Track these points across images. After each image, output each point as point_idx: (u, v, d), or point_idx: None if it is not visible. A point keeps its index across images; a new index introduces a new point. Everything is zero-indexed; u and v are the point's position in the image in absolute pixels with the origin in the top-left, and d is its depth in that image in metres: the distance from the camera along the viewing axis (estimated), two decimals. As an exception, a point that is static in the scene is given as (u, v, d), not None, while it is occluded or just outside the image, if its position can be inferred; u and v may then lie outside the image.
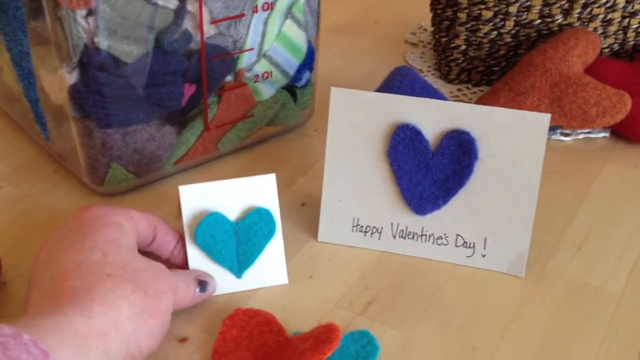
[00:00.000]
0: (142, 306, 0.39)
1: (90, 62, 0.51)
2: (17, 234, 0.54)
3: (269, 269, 0.50)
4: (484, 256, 0.51)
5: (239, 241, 0.49)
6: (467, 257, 0.51)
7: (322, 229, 0.54)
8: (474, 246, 0.51)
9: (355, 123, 0.51)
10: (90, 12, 0.49)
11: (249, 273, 0.49)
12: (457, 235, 0.51)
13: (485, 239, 0.51)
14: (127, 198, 0.58)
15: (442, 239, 0.52)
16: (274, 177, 0.50)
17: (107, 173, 0.56)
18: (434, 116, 0.50)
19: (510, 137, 0.49)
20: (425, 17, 0.86)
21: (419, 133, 0.50)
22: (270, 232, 0.49)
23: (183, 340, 0.45)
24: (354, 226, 0.53)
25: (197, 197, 0.49)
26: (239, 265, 0.49)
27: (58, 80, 0.53)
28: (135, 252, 0.43)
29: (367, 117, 0.51)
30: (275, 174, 0.50)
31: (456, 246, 0.52)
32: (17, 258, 0.51)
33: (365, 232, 0.53)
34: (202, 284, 0.46)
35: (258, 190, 0.50)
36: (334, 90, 0.51)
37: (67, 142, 0.57)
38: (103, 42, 0.50)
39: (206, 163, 0.63)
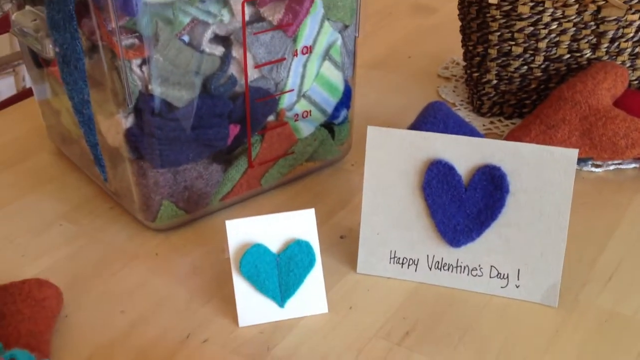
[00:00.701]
0: None
1: (145, 107, 0.55)
2: (76, 268, 0.58)
3: (310, 299, 0.53)
4: (517, 287, 0.53)
5: (280, 272, 0.52)
6: (502, 287, 0.54)
7: (361, 261, 0.57)
8: (507, 277, 0.53)
9: (391, 160, 0.54)
10: (145, 62, 0.53)
11: (291, 302, 0.52)
12: (491, 266, 0.54)
13: (519, 270, 0.53)
14: (178, 233, 0.62)
15: (476, 270, 0.54)
16: (313, 211, 0.53)
17: (159, 210, 0.60)
18: (465, 152, 0.53)
19: (540, 172, 0.51)
20: (457, 51, 0.88)
21: (452, 168, 0.53)
22: (310, 263, 0.53)
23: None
24: (391, 258, 0.56)
25: (242, 230, 0.52)
26: (281, 294, 0.52)
27: (115, 125, 0.57)
28: None
29: (402, 153, 0.54)
30: (314, 208, 0.53)
31: (490, 277, 0.54)
32: (77, 292, 0.55)
33: (403, 263, 0.56)
34: None
35: (298, 224, 0.53)
36: (370, 129, 0.54)
37: (122, 182, 0.61)
38: (156, 89, 0.54)
39: (250, 199, 0.67)
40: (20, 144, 0.75)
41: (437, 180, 0.53)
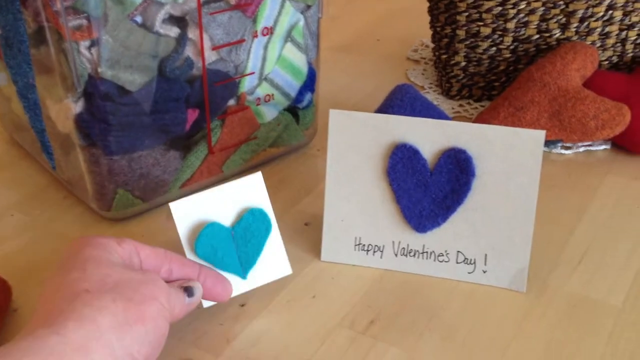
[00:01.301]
0: (124, 314, 0.39)
1: (95, 91, 0.52)
2: (27, 261, 0.55)
3: (272, 264, 0.51)
4: (484, 272, 0.52)
5: (238, 245, 0.50)
6: (469, 273, 0.52)
7: (325, 249, 0.55)
8: (474, 262, 0.52)
9: (355, 144, 0.52)
10: (93, 43, 0.50)
11: (253, 272, 0.50)
12: (458, 252, 0.52)
13: (486, 255, 0.52)
14: (135, 222, 0.60)
15: (443, 255, 0.52)
16: (260, 175, 0.50)
17: (114, 199, 0.58)
18: (430, 135, 0.51)
19: (507, 154, 0.50)
20: (426, 33, 0.87)
21: (417, 152, 0.51)
22: (267, 230, 0.50)
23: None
24: (356, 245, 0.54)
25: (190, 210, 0.49)
26: (242, 267, 0.50)
27: (64, 110, 0.54)
28: (117, 266, 0.43)
29: (366, 137, 0.52)
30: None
31: (457, 263, 0.52)
32: (27, 285, 0.52)
33: (368, 250, 0.54)
34: (188, 290, 0.46)
35: (248, 191, 0.50)
36: (332, 113, 0.52)
37: (74, 170, 0.58)
38: (106, 72, 0.52)
39: (211, 186, 0.64)
40: (-29, 132, 0.72)
41: (401, 164, 0.52)
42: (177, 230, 0.49)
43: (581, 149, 0.69)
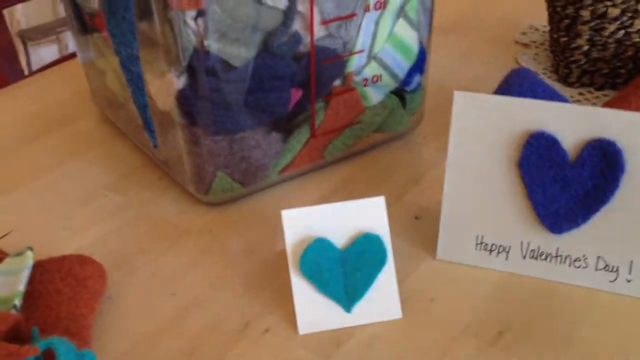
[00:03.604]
0: None
1: (199, 66, 0.48)
2: (121, 245, 0.52)
3: (381, 302, 0.45)
4: (629, 281, 0.45)
5: (347, 270, 0.45)
6: (610, 282, 0.46)
7: (442, 246, 0.49)
8: (617, 270, 0.46)
9: (481, 130, 0.47)
10: (200, 14, 0.47)
11: (358, 307, 0.45)
12: (598, 257, 0.46)
13: (631, 262, 0.45)
14: (232, 208, 0.56)
15: (580, 261, 0.46)
16: (383, 200, 0.46)
17: (212, 182, 0.54)
18: (573, 123, 0.45)
19: (663, 148, 0.43)
20: (535, 15, 0.80)
21: (556, 142, 0.45)
22: (381, 261, 0.45)
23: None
24: (477, 244, 0.48)
25: (301, 221, 0.45)
26: (347, 297, 0.45)
27: (165, 86, 0.51)
28: None
29: (495, 124, 0.46)
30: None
31: (597, 269, 0.46)
32: (122, 271, 0.50)
33: (491, 250, 0.48)
34: None
35: (366, 214, 0.45)
36: (457, 95, 0.47)
37: (172, 150, 0.55)
38: (212, 45, 0.48)
39: (311, 172, 0.60)
40: (63, 107, 0.70)
41: (537, 155, 0.46)
42: (285, 239, 0.44)
43: None
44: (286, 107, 0.54)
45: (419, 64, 0.62)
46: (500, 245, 0.48)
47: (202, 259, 0.51)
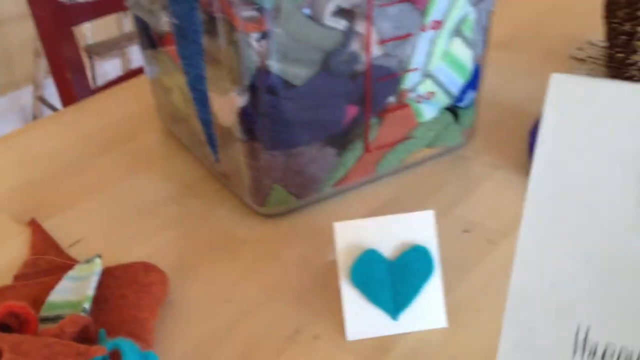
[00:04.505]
0: None
1: (261, 85, 0.51)
2: (182, 252, 0.55)
3: (427, 311, 0.47)
4: None
5: (395, 280, 0.46)
6: None
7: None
8: None
9: (598, 139, 0.28)
10: (264, 36, 0.49)
11: (405, 315, 0.47)
12: None
13: None
14: (287, 219, 0.58)
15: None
16: (432, 214, 0.47)
17: (269, 194, 0.56)
18: None
19: None
20: (592, 31, 0.80)
21: None
22: (428, 272, 0.47)
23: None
24: (577, 341, 0.31)
25: (352, 233, 0.47)
26: (394, 306, 0.46)
27: (228, 103, 0.53)
28: None
29: (623, 129, 0.27)
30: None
31: None
32: (181, 276, 0.52)
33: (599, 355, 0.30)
34: None
35: (415, 227, 0.47)
36: (555, 78, 0.28)
37: (231, 163, 0.57)
38: (274, 65, 0.50)
39: (364, 185, 0.62)
40: (129, 123, 0.73)
41: None
42: (336, 250, 0.46)
43: None
44: (341, 123, 0.56)
45: (473, 81, 0.63)
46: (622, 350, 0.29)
47: (257, 268, 0.53)
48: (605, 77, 0.77)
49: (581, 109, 0.28)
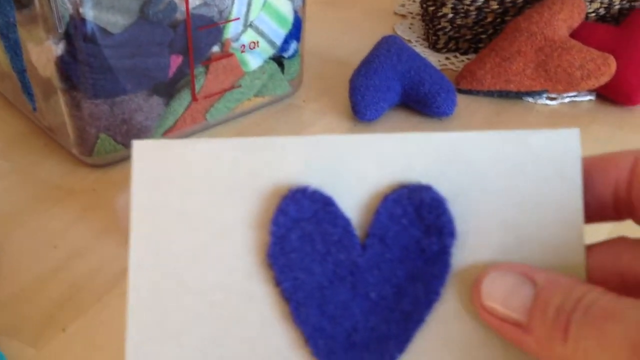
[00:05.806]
0: None
1: (76, 33, 0.51)
2: (8, 205, 0.55)
3: None
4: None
5: None
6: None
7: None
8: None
9: (190, 196, 0.24)
10: (74, -18, 0.49)
11: None
12: None
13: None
14: (117, 168, 0.59)
15: None
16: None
17: (95, 144, 0.57)
18: (354, 162, 0.24)
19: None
20: (413, -12, 0.86)
21: (330, 204, 0.24)
22: None
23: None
24: None
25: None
26: None
27: (45, 52, 0.53)
28: None
29: (220, 181, 0.24)
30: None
31: None
32: (8, 227, 0.52)
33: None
34: None
35: None
36: (136, 145, 0.24)
37: (55, 115, 0.57)
38: (88, 13, 0.51)
39: (195, 134, 0.64)
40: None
41: (299, 232, 0.23)
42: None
43: (566, 100, 0.69)
44: (166, 72, 0.58)
45: (295, 32, 0.66)
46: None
47: (87, 216, 0.54)
48: (422, 30, 0.83)
49: (170, 174, 0.24)
